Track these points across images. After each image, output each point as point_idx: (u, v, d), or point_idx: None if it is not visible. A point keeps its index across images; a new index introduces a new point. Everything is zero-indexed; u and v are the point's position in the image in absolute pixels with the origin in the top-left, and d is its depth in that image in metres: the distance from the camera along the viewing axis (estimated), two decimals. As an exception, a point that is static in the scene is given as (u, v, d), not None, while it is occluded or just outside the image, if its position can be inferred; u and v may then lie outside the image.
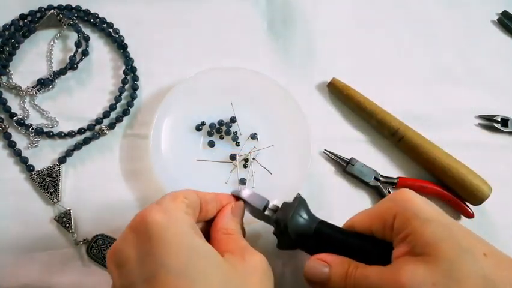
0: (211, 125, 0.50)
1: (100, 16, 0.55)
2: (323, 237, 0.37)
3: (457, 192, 0.49)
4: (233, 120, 0.50)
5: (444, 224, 0.31)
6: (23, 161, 0.46)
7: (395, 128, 0.51)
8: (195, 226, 0.33)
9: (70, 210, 0.45)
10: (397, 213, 0.33)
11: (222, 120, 0.50)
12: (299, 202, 0.39)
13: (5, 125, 0.48)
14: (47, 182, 0.46)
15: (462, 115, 0.55)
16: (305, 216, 0.38)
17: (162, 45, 0.55)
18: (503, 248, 0.31)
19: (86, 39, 0.53)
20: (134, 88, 0.52)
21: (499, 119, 0.55)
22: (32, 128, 0.48)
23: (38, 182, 0.46)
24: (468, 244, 0.30)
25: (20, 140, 0.48)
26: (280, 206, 0.39)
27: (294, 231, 0.37)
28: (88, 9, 0.55)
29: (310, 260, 0.35)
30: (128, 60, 0.53)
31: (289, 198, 0.40)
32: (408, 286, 0.28)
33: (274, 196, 0.41)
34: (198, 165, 0.48)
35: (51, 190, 0.45)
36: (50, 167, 0.46)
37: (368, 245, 0.35)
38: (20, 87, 0.50)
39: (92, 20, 0.55)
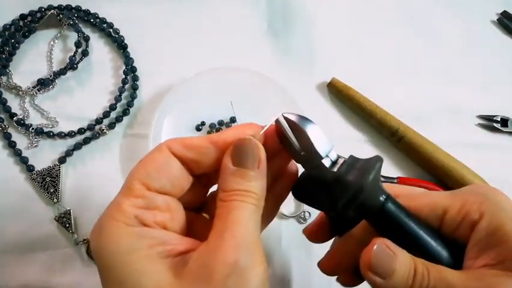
0: (211, 125, 0.50)
1: (100, 16, 0.55)
2: (388, 219, 0.28)
3: (457, 192, 0.49)
4: (233, 120, 0.50)
5: None
6: (23, 161, 0.46)
7: (394, 128, 0.51)
8: (142, 238, 0.24)
9: (70, 210, 0.45)
10: (487, 213, 0.27)
11: (222, 120, 0.50)
12: (380, 165, 0.28)
13: (5, 125, 0.48)
14: (47, 182, 0.46)
15: (462, 115, 0.55)
16: (380, 185, 0.28)
17: (162, 45, 0.55)
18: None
19: (86, 39, 0.53)
20: (134, 88, 0.52)
21: (499, 119, 0.55)
22: (32, 128, 0.48)
23: (38, 182, 0.46)
24: None
25: (20, 140, 0.48)
26: (345, 159, 0.29)
27: (360, 203, 0.27)
28: (88, 9, 0.55)
29: (377, 244, 0.26)
30: (128, 60, 0.53)
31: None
32: None
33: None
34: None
35: (52, 190, 0.45)
36: (50, 167, 0.46)
37: (438, 242, 0.28)
38: (20, 87, 0.50)
39: (92, 20, 0.55)
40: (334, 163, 0.28)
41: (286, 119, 0.28)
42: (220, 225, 0.24)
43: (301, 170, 0.31)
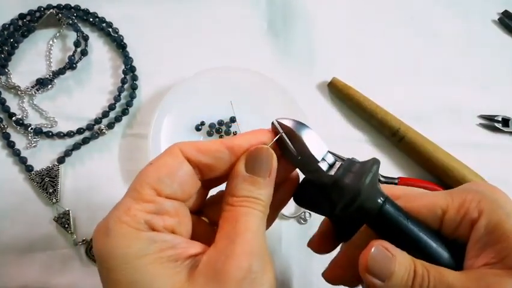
0: (211, 125, 0.50)
1: (99, 15, 0.55)
2: (387, 222, 0.27)
3: (458, 193, 0.49)
4: (233, 120, 0.50)
5: None
6: (21, 161, 0.46)
7: (395, 128, 0.50)
8: (153, 243, 0.24)
9: (69, 210, 0.44)
10: (486, 211, 0.27)
11: (221, 120, 0.50)
12: (377, 168, 0.28)
13: (3, 125, 0.48)
14: (46, 182, 0.45)
15: (463, 115, 0.55)
16: (378, 188, 0.28)
17: (162, 45, 0.55)
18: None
19: (85, 38, 0.53)
20: (134, 88, 0.51)
21: (500, 119, 0.55)
22: (31, 128, 0.48)
23: (37, 182, 0.45)
24: None
25: (19, 140, 0.48)
26: (342, 162, 0.29)
27: (359, 205, 0.27)
28: (87, 9, 0.55)
29: (375, 246, 0.26)
30: (127, 60, 0.52)
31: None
32: None
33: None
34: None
35: (51, 190, 0.45)
36: (49, 167, 0.46)
37: (438, 243, 0.28)
38: (19, 87, 0.50)
39: (91, 19, 0.54)
40: (331, 166, 0.29)
41: (281, 124, 0.29)
42: (229, 229, 0.25)
43: (301, 176, 0.31)
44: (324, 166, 0.28)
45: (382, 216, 0.27)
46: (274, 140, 0.28)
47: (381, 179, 0.49)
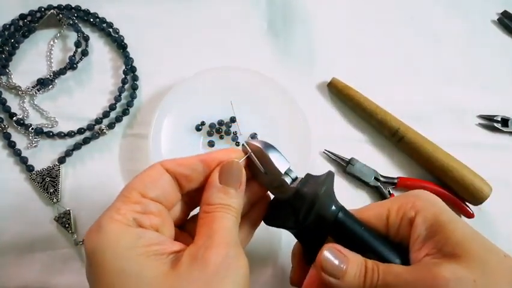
0: (211, 125, 0.50)
1: (100, 16, 0.55)
2: (342, 228, 0.32)
3: (457, 192, 0.49)
4: (233, 120, 0.50)
5: (467, 224, 0.31)
6: (22, 161, 0.46)
7: (395, 128, 0.51)
8: (141, 238, 0.28)
9: (69, 210, 0.45)
10: (421, 209, 0.31)
11: (221, 120, 0.50)
12: (331, 179, 0.33)
13: (4, 125, 0.48)
14: (46, 182, 0.45)
15: (462, 115, 0.55)
16: (333, 197, 0.32)
17: (162, 45, 0.55)
18: (502, 247, 0.31)
19: (86, 39, 0.53)
20: (134, 88, 0.51)
21: (499, 119, 0.55)
22: (32, 128, 0.48)
23: (38, 182, 0.45)
24: (490, 245, 0.30)
25: (20, 140, 0.48)
26: (302, 177, 0.33)
27: (317, 212, 0.31)
28: (87, 9, 0.55)
29: (327, 248, 0.30)
30: (128, 60, 0.52)
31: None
32: (453, 283, 0.27)
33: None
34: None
35: (51, 190, 0.45)
36: (49, 167, 0.46)
37: (387, 246, 0.32)
38: (20, 87, 0.50)
39: (91, 20, 0.54)
40: (294, 181, 0.33)
41: (250, 145, 0.32)
42: (206, 230, 0.29)
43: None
44: (288, 180, 0.32)
45: (338, 223, 0.31)
46: (245, 157, 0.32)
47: (381, 179, 0.49)
